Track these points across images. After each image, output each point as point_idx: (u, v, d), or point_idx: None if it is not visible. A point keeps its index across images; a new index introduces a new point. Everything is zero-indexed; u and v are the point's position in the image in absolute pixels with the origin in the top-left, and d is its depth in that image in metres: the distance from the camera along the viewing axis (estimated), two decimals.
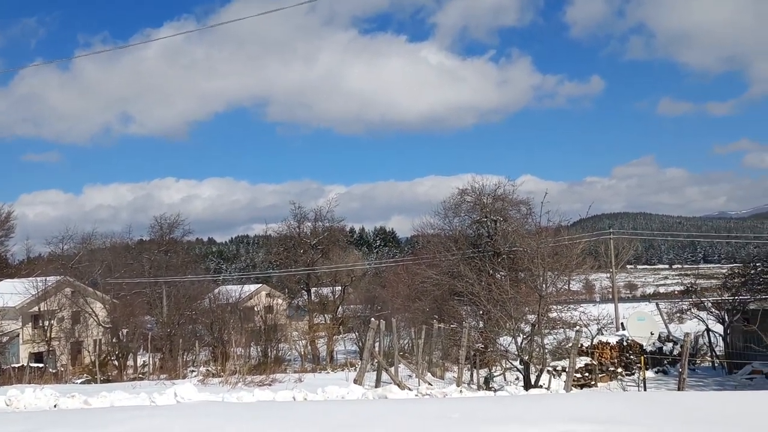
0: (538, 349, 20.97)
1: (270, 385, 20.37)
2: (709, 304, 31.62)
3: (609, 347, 28.64)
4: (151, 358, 38.66)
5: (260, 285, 68.55)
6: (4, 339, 44.57)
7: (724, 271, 46.34)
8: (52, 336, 45.37)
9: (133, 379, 28.48)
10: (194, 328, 45.40)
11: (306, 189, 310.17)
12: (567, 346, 22.06)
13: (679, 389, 17.47)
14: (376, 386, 17.89)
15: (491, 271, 33.10)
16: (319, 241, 55.59)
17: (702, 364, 31.04)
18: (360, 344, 44.66)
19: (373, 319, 18.96)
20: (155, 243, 58.19)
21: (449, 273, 34.53)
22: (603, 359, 28.27)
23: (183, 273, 55.22)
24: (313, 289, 55.64)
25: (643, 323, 29.34)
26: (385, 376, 19.80)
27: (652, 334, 29.41)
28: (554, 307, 25.75)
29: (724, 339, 30.32)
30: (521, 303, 22.88)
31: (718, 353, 30.70)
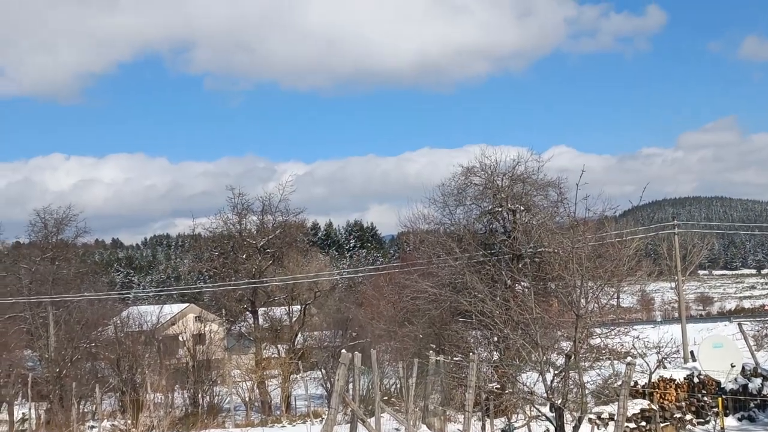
0: (575, 390, 21.37)
1: None
2: None
3: (674, 385, 28.55)
4: (33, 410, 38.76)
5: (186, 305, 69.88)
6: None
7: None
8: None
9: None
10: (94, 366, 46.12)
11: (249, 169, 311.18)
12: (615, 385, 22.47)
13: None
14: None
15: (509, 282, 33.47)
16: (270, 243, 55.98)
17: None
18: (328, 386, 44.89)
19: (344, 351, 18.96)
20: (37, 247, 57.64)
21: (451, 285, 35.07)
22: (666, 402, 28.28)
23: (77, 289, 55.37)
24: (261, 310, 56.02)
25: (721, 351, 29.19)
26: (362, 430, 20.00)
27: (733, 366, 29.24)
28: (597, 330, 26.38)
29: None
30: (551, 325, 23.42)
31: None
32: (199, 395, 40.32)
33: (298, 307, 55.26)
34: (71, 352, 45.78)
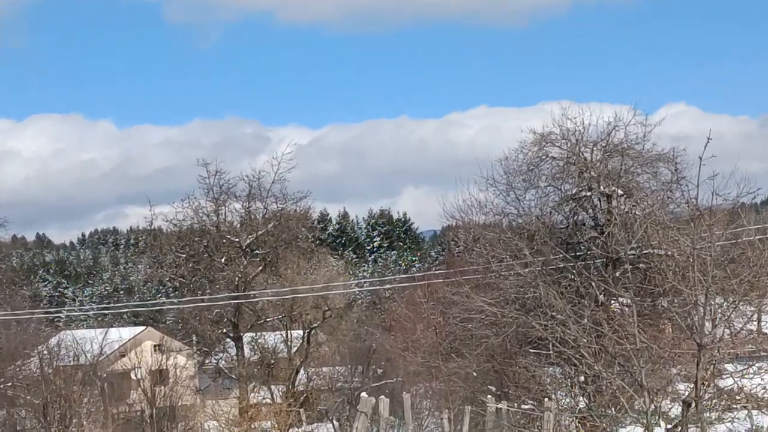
0: None
1: None
2: None
3: None
4: None
5: (142, 329, 70.67)
6: None
7: None
8: None
9: None
10: (11, 415, 45.63)
11: (231, 136, 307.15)
12: None
13: None
14: None
15: (601, 297, 32.82)
16: (259, 241, 55.92)
17: None
18: None
19: (365, 394, 19.78)
20: None
21: (518, 301, 35.36)
22: None
23: None
24: (247, 337, 56.01)
25: None
26: None
27: None
28: (729, 367, 25.60)
29: None
30: (662, 360, 23.50)
31: None
32: None
33: (300, 332, 55.51)
34: None
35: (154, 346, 62.82)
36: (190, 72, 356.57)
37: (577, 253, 35.87)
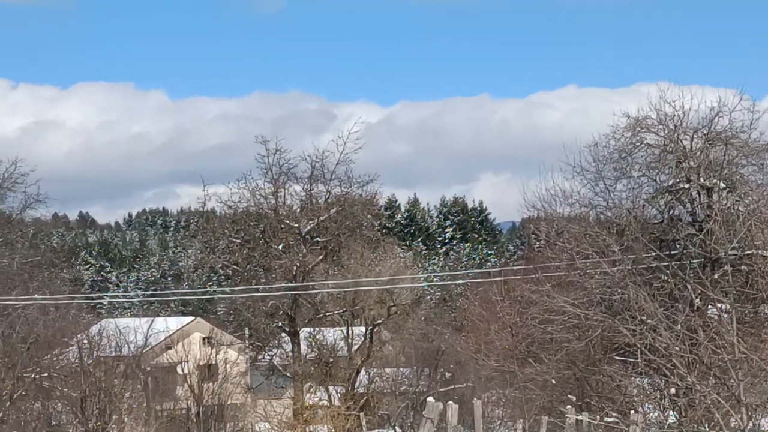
0: None
1: None
2: None
3: None
4: None
5: (191, 320, 70.28)
6: None
7: None
8: None
9: None
10: (46, 409, 46.06)
11: (293, 112, 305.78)
12: None
13: None
14: None
15: (698, 302, 32.95)
16: (321, 227, 55.68)
17: None
18: None
19: (432, 399, 19.27)
20: None
21: (604, 303, 35.44)
22: None
23: (23, 289, 54.90)
24: (304, 332, 55.86)
25: None
26: None
27: None
28: None
29: None
30: (764, 373, 23.08)
31: None
32: None
33: (362, 329, 55.21)
34: (11, 386, 45.10)
35: (203, 338, 62.86)
36: (252, 40, 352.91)
37: (672, 252, 35.59)
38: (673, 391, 28.77)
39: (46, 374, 46.76)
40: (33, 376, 46.44)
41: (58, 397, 45.73)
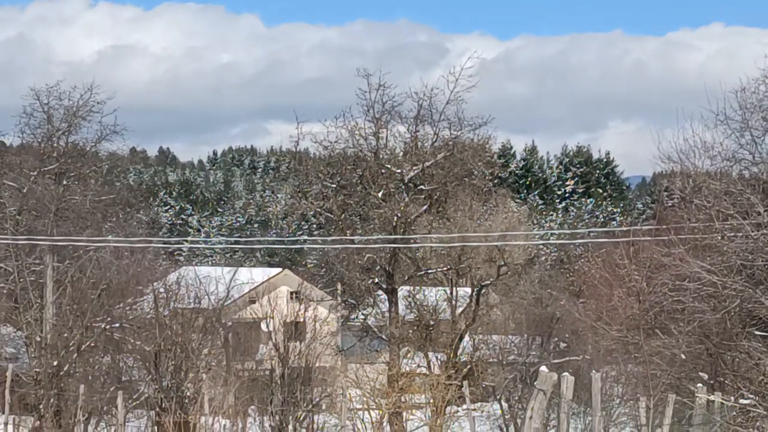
0: None
1: None
2: None
3: None
4: (11, 428, 40.90)
5: (278, 271, 72.48)
6: None
7: None
8: None
9: None
10: (116, 363, 46.66)
11: (400, 44, 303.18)
12: None
13: None
14: None
15: None
16: (426, 174, 54.93)
17: None
18: (511, 430, 46.33)
19: (544, 368, 19.86)
20: (33, 153, 59.02)
21: (745, 271, 35.09)
22: None
23: (96, 229, 55.98)
24: (403, 290, 55.79)
25: None
26: None
27: None
28: None
29: None
30: None
31: None
32: (290, 427, 40.82)
33: (468, 290, 55.03)
34: (79, 336, 45.76)
35: (291, 293, 61.67)
36: None
37: None
38: None
39: (117, 325, 47.80)
40: (103, 326, 47.47)
41: (129, 350, 46.49)
